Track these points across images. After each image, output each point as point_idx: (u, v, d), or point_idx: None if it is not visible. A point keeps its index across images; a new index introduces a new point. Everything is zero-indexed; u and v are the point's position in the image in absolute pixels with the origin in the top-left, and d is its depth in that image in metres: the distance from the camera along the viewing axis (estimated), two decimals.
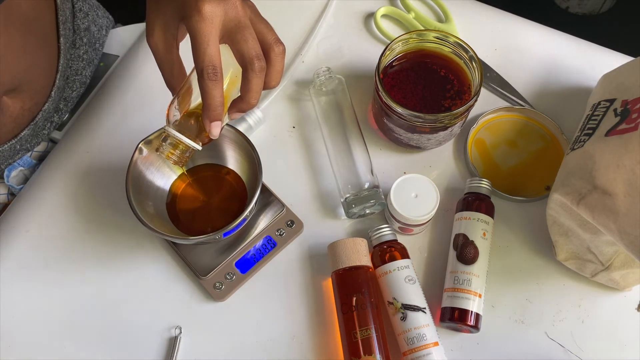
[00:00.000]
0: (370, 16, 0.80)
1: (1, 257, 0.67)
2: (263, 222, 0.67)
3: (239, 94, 0.53)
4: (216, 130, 0.52)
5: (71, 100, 0.75)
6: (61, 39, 0.68)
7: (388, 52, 0.67)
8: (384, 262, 0.62)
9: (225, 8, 0.49)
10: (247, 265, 0.66)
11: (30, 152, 0.74)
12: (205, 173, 0.67)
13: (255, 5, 0.54)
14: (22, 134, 0.68)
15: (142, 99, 0.75)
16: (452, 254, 0.64)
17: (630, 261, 0.60)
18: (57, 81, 0.68)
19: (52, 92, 0.68)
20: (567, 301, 0.65)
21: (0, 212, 0.73)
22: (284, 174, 0.71)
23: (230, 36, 0.50)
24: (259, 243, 0.66)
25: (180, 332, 0.64)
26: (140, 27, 0.84)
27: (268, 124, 0.74)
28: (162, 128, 0.59)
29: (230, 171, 0.67)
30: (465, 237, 0.64)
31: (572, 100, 0.74)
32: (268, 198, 0.68)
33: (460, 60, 0.68)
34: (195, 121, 0.53)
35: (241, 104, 0.53)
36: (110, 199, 0.69)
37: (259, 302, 0.65)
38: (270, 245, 0.66)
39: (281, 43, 0.53)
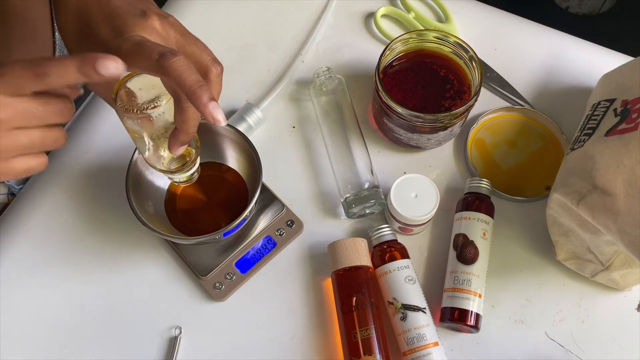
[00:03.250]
0: (370, 16, 0.80)
1: (1, 257, 0.67)
2: (263, 222, 0.67)
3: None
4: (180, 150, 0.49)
5: None
6: (56, 34, 0.68)
7: (388, 52, 0.67)
8: (384, 262, 0.62)
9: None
10: (247, 265, 0.66)
11: None
12: (205, 173, 0.67)
13: (179, 22, 0.48)
14: None
15: None
16: (452, 254, 0.64)
17: (630, 261, 0.60)
18: None
19: None
20: (567, 301, 0.65)
21: (0, 212, 0.73)
22: (284, 174, 0.71)
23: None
24: (259, 243, 0.66)
25: (180, 332, 0.64)
26: None
27: (268, 124, 0.74)
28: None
29: (230, 170, 0.67)
30: (465, 237, 0.64)
31: (572, 100, 0.74)
32: (268, 198, 0.68)
33: (460, 60, 0.68)
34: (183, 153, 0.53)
35: (180, 136, 0.48)
36: (110, 199, 0.69)
37: (259, 302, 0.65)
38: (270, 245, 0.66)
39: (219, 63, 0.47)
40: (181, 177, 0.55)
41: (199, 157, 0.55)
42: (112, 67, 0.40)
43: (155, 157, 0.52)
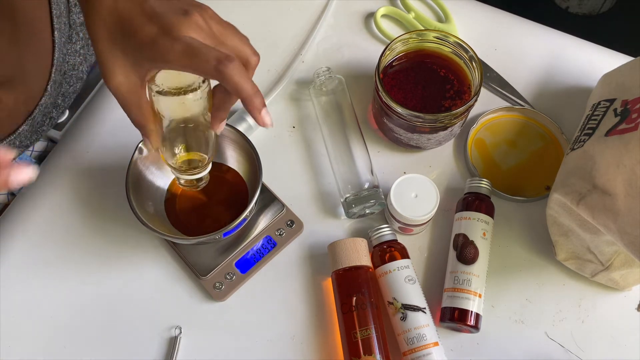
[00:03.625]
0: (370, 16, 0.80)
1: (1, 257, 0.67)
2: (263, 222, 0.67)
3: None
4: (268, 119, 0.50)
5: (69, 96, 0.75)
6: (55, 33, 0.68)
7: (388, 52, 0.67)
8: (384, 262, 0.62)
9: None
10: (247, 265, 0.66)
11: (30, 152, 0.74)
12: None
13: (215, 12, 0.49)
14: (21, 129, 0.67)
15: None
16: (452, 254, 0.64)
17: (630, 261, 0.60)
18: (52, 75, 0.68)
19: (49, 87, 0.68)
20: (567, 301, 0.65)
21: (0, 212, 0.73)
22: (284, 174, 0.71)
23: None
24: (259, 243, 0.66)
25: (180, 332, 0.64)
26: None
27: None
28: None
29: (230, 170, 0.67)
30: (465, 237, 0.64)
31: (572, 100, 0.74)
32: (268, 198, 0.68)
33: (460, 60, 0.68)
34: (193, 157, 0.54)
35: (220, 113, 0.51)
36: (110, 198, 0.69)
37: (259, 302, 0.65)
38: (270, 245, 0.66)
39: (257, 55, 0.50)
40: (188, 178, 0.55)
41: (210, 165, 0.55)
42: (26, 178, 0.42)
43: (170, 152, 0.53)
